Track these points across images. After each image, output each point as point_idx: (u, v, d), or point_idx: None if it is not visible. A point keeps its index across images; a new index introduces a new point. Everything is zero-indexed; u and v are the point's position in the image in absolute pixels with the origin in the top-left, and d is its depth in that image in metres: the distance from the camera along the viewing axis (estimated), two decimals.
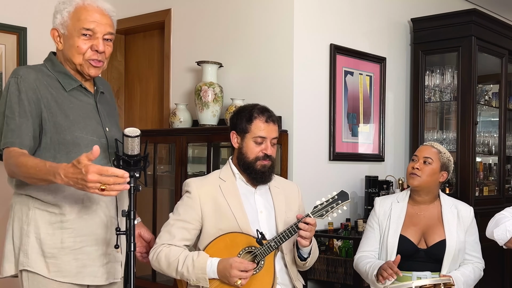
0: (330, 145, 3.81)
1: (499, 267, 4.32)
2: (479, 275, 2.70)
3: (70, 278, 2.11)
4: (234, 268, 2.16)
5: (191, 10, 4.05)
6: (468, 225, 2.70)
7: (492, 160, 4.78)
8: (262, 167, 2.37)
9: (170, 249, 2.30)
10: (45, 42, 4.17)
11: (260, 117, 2.39)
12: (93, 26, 2.08)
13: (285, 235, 2.27)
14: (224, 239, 2.32)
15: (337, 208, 2.33)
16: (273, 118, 2.42)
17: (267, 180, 2.42)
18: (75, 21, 2.08)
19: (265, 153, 2.37)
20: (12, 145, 2.00)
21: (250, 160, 2.37)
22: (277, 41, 3.62)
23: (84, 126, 2.12)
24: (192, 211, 2.36)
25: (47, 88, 2.08)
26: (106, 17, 2.12)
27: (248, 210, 2.38)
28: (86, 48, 2.09)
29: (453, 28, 4.20)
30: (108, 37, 2.13)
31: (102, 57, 2.13)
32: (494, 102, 4.68)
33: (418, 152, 2.75)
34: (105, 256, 2.18)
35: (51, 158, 2.04)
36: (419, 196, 2.73)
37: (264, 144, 2.37)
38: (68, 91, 2.12)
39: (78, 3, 2.09)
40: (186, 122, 3.78)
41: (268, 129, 2.38)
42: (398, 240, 2.62)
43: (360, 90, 4.06)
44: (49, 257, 2.09)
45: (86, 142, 2.10)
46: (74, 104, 2.12)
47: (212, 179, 2.45)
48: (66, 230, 2.10)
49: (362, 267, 2.65)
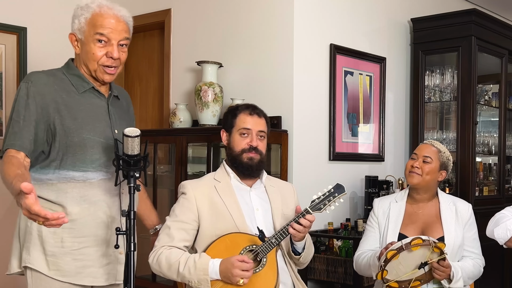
0: (330, 145, 3.81)
1: (499, 267, 4.33)
2: (478, 271, 2.69)
3: (69, 278, 2.13)
4: (236, 268, 2.16)
5: (191, 10, 4.06)
6: (466, 221, 2.71)
7: (492, 160, 4.78)
8: (248, 160, 2.38)
9: (170, 251, 2.29)
10: (45, 42, 4.20)
11: (244, 111, 2.43)
12: (108, 33, 2.12)
13: (285, 231, 2.27)
14: (224, 240, 2.31)
15: (334, 201, 2.33)
16: (258, 111, 2.44)
17: (254, 173, 2.42)
18: (90, 27, 2.12)
19: (250, 145, 2.38)
20: (12, 147, 2.04)
21: (236, 153, 2.39)
22: (277, 41, 3.62)
23: (93, 128, 2.16)
24: (189, 212, 2.36)
25: (58, 92, 2.13)
26: (122, 23, 2.16)
27: (244, 208, 2.39)
28: (101, 55, 2.14)
29: (453, 28, 4.20)
30: (123, 42, 2.17)
31: (116, 63, 2.17)
32: (494, 102, 4.68)
33: (418, 150, 2.75)
34: (106, 257, 2.19)
35: (58, 159, 2.11)
36: (418, 194, 2.74)
37: (250, 137, 2.39)
38: (80, 93, 2.17)
39: (94, 9, 2.13)
40: (186, 122, 3.78)
41: (253, 121, 2.40)
42: (397, 238, 2.63)
43: (360, 90, 4.06)
44: (49, 255, 2.12)
45: (92, 144, 2.15)
46: (84, 106, 2.17)
47: (207, 180, 2.47)
48: (67, 230, 2.12)
49: (361, 260, 2.66)
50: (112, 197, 2.20)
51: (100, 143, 2.16)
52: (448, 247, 2.59)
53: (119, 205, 2.22)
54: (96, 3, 2.15)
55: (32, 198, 1.70)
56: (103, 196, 2.18)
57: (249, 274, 2.18)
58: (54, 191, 2.12)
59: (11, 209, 3.99)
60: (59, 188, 2.12)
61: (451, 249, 2.60)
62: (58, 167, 2.13)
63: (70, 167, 2.13)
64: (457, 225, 2.67)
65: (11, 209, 3.99)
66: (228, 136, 2.44)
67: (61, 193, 2.12)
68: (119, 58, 2.16)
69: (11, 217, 3.96)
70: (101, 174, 2.18)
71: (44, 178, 2.13)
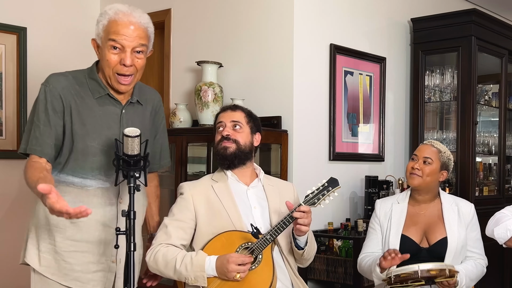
0: (330, 145, 3.81)
1: (499, 267, 4.33)
2: (481, 272, 2.68)
3: (57, 277, 2.18)
4: (232, 263, 2.17)
5: (191, 10, 4.06)
6: (469, 221, 2.70)
7: (492, 160, 4.78)
8: (222, 149, 2.42)
9: (167, 249, 2.31)
10: (45, 42, 4.21)
11: (220, 111, 2.55)
12: (121, 40, 2.11)
13: (280, 227, 2.27)
14: (220, 238, 2.32)
15: (328, 195, 2.33)
16: (230, 106, 2.55)
17: (232, 162, 2.43)
18: (106, 34, 2.12)
19: (222, 135, 2.44)
20: (34, 153, 2.10)
21: (215, 146, 2.47)
22: (277, 41, 3.62)
23: (98, 136, 2.17)
24: (187, 211, 2.38)
25: (73, 96, 2.16)
26: (138, 30, 2.14)
27: (241, 207, 2.40)
28: (115, 62, 2.13)
29: (453, 28, 4.20)
30: (139, 49, 2.15)
31: (130, 70, 2.15)
32: (494, 102, 4.68)
33: (418, 151, 2.74)
34: (96, 265, 2.21)
35: (62, 163, 2.15)
36: (419, 195, 2.73)
37: (223, 128, 2.46)
38: (95, 98, 2.18)
39: (111, 16, 2.13)
40: (186, 122, 3.78)
41: (226, 114, 2.49)
42: (400, 240, 2.62)
43: (360, 90, 4.06)
44: (42, 252, 2.18)
45: (94, 152, 2.17)
46: (96, 113, 2.18)
47: (204, 180, 2.50)
48: (60, 231, 2.17)
49: (364, 264, 2.65)
50: (107, 206, 2.21)
51: (103, 152, 2.17)
52: (450, 247, 2.59)
53: (115, 214, 2.22)
54: (114, 9, 2.14)
55: (53, 197, 1.77)
56: (98, 204, 2.19)
57: (245, 269, 2.19)
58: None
59: (11, 209, 3.99)
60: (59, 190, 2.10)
61: (454, 250, 2.59)
62: (60, 171, 2.17)
63: (70, 172, 2.16)
64: (459, 225, 2.66)
65: (11, 209, 4.00)
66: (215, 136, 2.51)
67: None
68: (133, 65, 2.14)
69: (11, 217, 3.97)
70: (100, 182, 2.19)
71: None
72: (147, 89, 2.40)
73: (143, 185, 2.32)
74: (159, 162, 2.49)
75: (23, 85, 4.04)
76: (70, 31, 4.31)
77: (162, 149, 2.49)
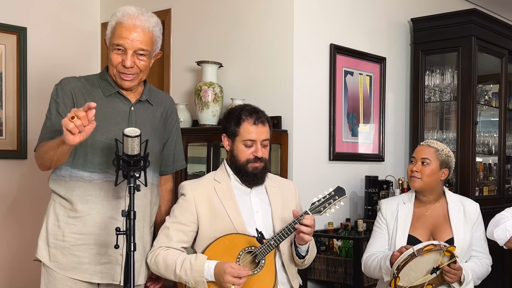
0: (330, 145, 3.81)
1: (499, 267, 4.32)
2: (487, 270, 2.68)
3: (65, 272, 2.23)
4: (228, 274, 2.15)
5: (191, 10, 4.06)
6: (475, 221, 2.69)
7: (492, 160, 4.78)
8: (253, 169, 2.36)
9: (168, 252, 2.30)
10: (45, 42, 4.20)
11: (248, 119, 2.35)
12: (123, 43, 2.19)
13: (284, 233, 2.27)
14: (223, 241, 2.31)
15: (334, 204, 2.33)
16: (262, 119, 2.37)
17: (260, 182, 2.42)
18: (112, 35, 2.22)
19: (255, 156, 2.35)
20: (44, 140, 2.20)
21: (241, 163, 2.37)
22: (277, 41, 3.62)
23: (107, 131, 2.23)
24: (188, 213, 2.36)
25: (83, 95, 2.26)
26: (141, 33, 2.20)
27: (243, 210, 2.37)
28: (117, 62, 2.22)
29: (453, 28, 4.20)
30: (141, 52, 2.22)
31: (131, 71, 2.23)
32: (494, 102, 4.68)
33: (416, 153, 2.73)
34: (104, 257, 2.25)
35: (71, 158, 2.22)
36: (424, 196, 2.72)
37: (254, 147, 2.35)
38: (106, 96, 2.28)
39: (118, 18, 2.22)
40: (186, 122, 3.78)
41: (257, 131, 2.34)
42: (407, 240, 2.61)
43: (360, 90, 4.06)
44: (51, 247, 2.24)
45: (102, 146, 2.23)
46: (105, 110, 2.25)
47: (206, 180, 2.45)
48: (69, 225, 2.24)
49: (371, 262, 2.62)
50: (115, 199, 2.25)
51: (110, 146, 2.21)
52: (457, 248, 2.57)
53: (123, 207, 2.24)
54: (121, 12, 2.22)
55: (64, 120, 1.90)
56: (106, 197, 2.24)
57: (241, 282, 2.17)
58: (64, 187, 2.26)
59: (11, 209, 3.99)
60: (69, 185, 2.24)
61: (460, 250, 2.58)
62: (70, 165, 2.24)
63: (80, 167, 2.24)
64: (465, 225, 2.66)
65: (11, 209, 4.00)
66: (231, 143, 2.40)
67: (69, 190, 2.24)
68: (134, 66, 2.22)
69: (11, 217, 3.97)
70: (107, 175, 2.24)
71: (59, 174, 2.26)
72: (159, 92, 2.49)
73: (156, 185, 2.37)
74: (173, 165, 2.54)
75: (23, 85, 4.04)
76: (70, 31, 4.31)
77: (175, 152, 2.52)
